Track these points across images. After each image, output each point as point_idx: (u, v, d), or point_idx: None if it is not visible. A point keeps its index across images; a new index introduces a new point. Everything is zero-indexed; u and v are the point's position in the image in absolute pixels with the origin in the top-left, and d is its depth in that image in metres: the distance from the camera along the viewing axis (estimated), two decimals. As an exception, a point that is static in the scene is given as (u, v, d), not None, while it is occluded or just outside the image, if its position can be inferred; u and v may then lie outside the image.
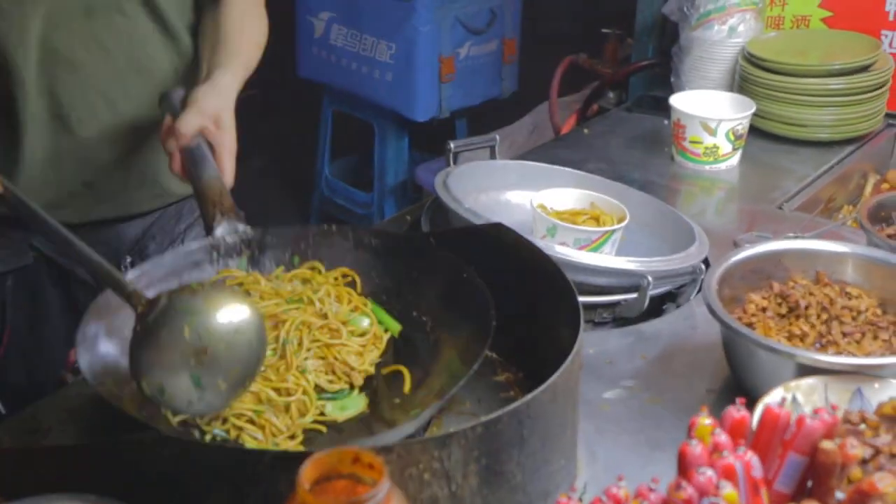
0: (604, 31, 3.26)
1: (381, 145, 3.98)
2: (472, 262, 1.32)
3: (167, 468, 0.96)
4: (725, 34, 2.45)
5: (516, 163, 1.93)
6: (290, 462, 0.87)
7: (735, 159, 2.19)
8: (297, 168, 4.40)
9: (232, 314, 1.15)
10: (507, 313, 1.24)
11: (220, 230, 1.36)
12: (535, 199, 1.73)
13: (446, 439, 0.97)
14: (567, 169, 1.90)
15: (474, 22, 3.85)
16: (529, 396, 1.02)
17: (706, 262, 1.65)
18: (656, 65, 2.75)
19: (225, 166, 1.44)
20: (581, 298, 1.53)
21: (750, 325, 1.39)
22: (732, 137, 2.13)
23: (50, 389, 1.35)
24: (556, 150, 2.20)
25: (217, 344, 1.13)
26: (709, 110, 2.18)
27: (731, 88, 2.44)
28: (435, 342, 1.30)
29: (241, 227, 1.38)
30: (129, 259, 1.72)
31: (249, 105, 1.85)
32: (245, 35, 1.65)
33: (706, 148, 2.14)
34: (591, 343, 1.49)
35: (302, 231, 1.42)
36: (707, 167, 2.16)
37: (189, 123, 1.43)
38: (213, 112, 1.46)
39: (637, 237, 1.76)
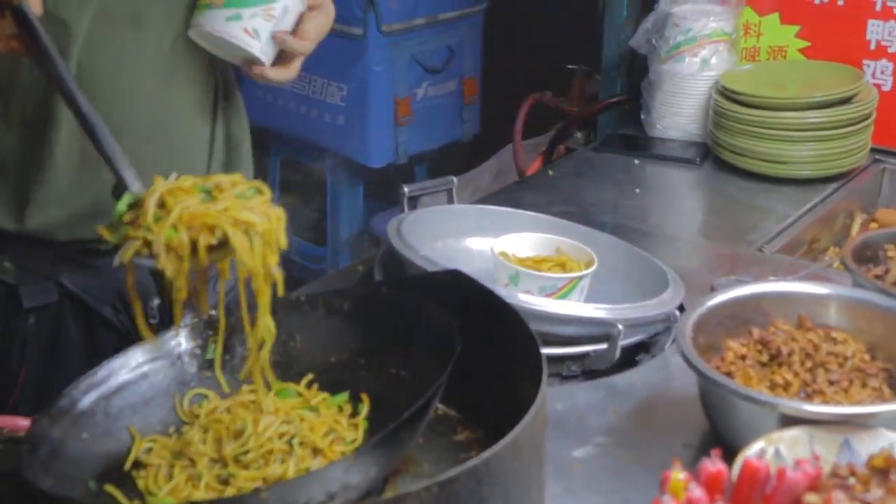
0: (569, 66, 3.30)
1: (334, 194, 3.99)
2: (428, 312, 1.32)
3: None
4: (697, 67, 2.50)
5: (475, 207, 1.94)
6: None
7: None
8: (243, 221, 4.39)
9: None
10: (466, 367, 1.24)
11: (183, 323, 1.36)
12: (496, 245, 1.74)
13: (399, 500, 0.97)
14: (530, 213, 1.92)
15: (431, 60, 3.89)
16: (488, 453, 1.02)
17: (681, 308, 1.66)
18: (626, 101, 2.79)
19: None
20: (547, 350, 1.53)
21: (729, 374, 1.40)
22: None
23: None
24: (519, 194, 2.22)
25: None
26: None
27: (705, 124, 2.48)
28: (414, 394, 1.30)
29: (201, 315, 1.38)
30: (157, 301, 1.71)
31: None
32: None
33: None
34: (560, 398, 1.50)
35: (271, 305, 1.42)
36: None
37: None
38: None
39: (607, 284, 1.77)
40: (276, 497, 1.04)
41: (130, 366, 1.35)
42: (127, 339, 1.72)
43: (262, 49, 1.58)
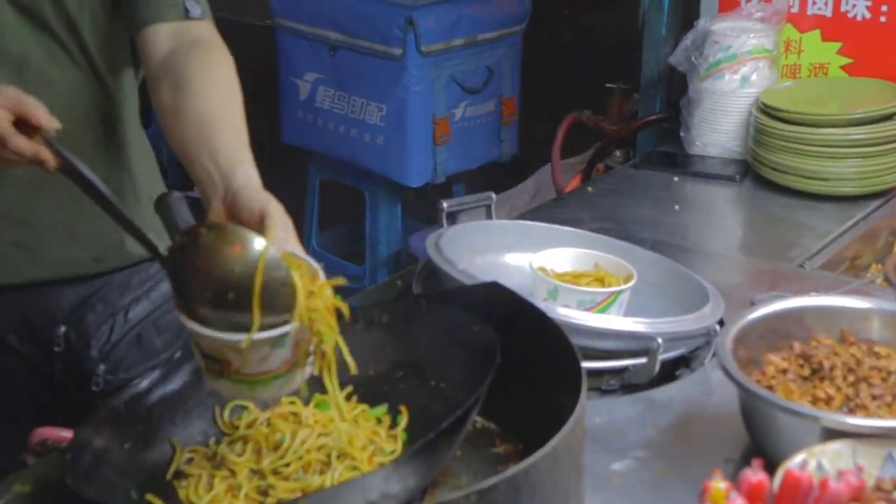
0: (608, 85, 3.30)
1: (373, 214, 4.01)
2: (467, 325, 1.33)
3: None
4: (737, 84, 2.49)
5: (514, 223, 1.94)
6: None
7: None
8: (283, 241, 4.42)
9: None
10: (505, 380, 1.25)
11: None
12: (534, 260, 1.74)
13: (437, 509, 0.97)
14: (569, 228, 1.92)
15: (470, 81, 3.90)
16: (527, 463, 1.02)
17: (721, 323, 1.65)
18: (664, 119, 2.79)
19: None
20: (586, 364, 1.53)
21: (769, 388, 1.39)
22: None
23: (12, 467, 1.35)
24: (557, 210, 2.22)
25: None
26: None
27: (745, 142, 2.47)
28: (453, 406, 1.30)
29: None
30: (63, 329, 1.73)
31: None
32: (232, 101, 1.53)
33: None
34: (598, 412, 1.49)
35: None
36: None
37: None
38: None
39: (646, 299, 1.77)
40: None
41: (172, 377, 1.36)
42: (34, 367, 1.74)
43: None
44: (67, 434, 1.36)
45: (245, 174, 1.36)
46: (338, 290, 1.27)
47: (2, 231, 1.66)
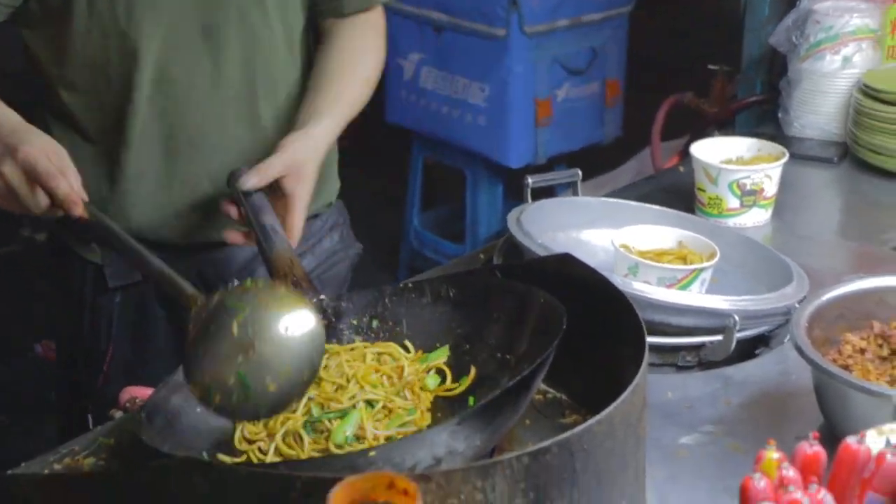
0: (710, 67, 3.26)
1: (474, 194, 4.04)
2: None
3: (196, 495, 1.00)
4: (839, 65, 2.44)
5: (598, 200, 1.95)
6: (322, 487, 0.90)
7: (748, 219, 2.04)
8: (386, 220, 4.48)
9: (285, 313, 1.22)
10: (575, 351, 1.26)
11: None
12: (616, 237, 1.74)
13: (490, 468, 0.99)
14: (653, 206, 1.91)
15: (574, 62, 3.89)
16: (581, 427, 1.04)
17: (804, 303, 1.64)
18: (764, 101, 2.75)
19: (294, 221, 1.55)
20: (662, 339, 1.55)
21: (846, 367, 1.38)
22: (738, 192, 2.02)
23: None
24: (646, 189, 2.21)
25: (266, 341, 1.19)
26: (725, 157, 2.11)
27: (844, 123, 2.43)
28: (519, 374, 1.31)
29: (313, 296, 1.42)
30: (236, 282, 1.80)
31: (340, 155, 1.94)
32: (357, 72, 1.79)
33: (710, 198, 2.04)
34: (672, 387, 1.50)
35: (378, 293, 1.46)
36: (712, 220, 2.02)
37: (271, 167, 1.54)
38: (299, 160, 1.57)
39: (730, 278, 1.76)
40: (383, 456, 1.08)
41: None
42: None
43: None
44: (153, 393, 1.43)
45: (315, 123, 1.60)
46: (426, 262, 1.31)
47: (182, 193, 1.74)
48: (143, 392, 1.43)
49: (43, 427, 2.84)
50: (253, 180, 1.56)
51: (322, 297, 1.44)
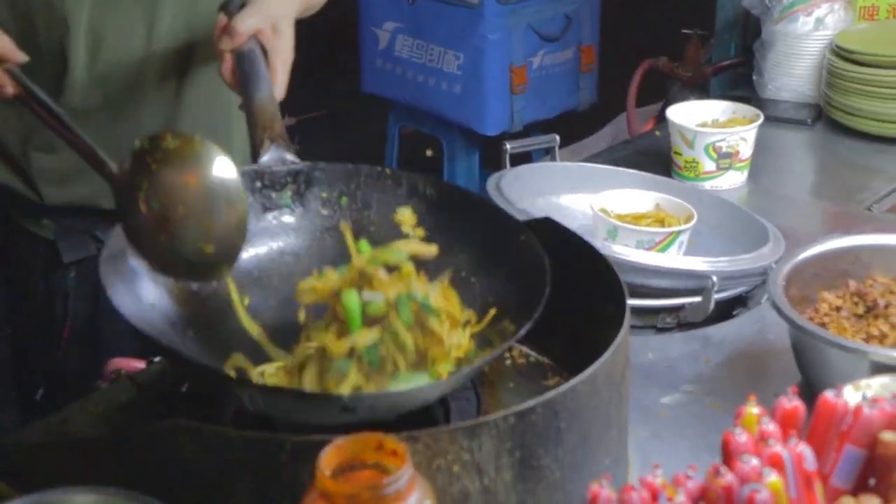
0: (685, 31, 3.28)
1: (450, 162, 4.05)
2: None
3: (187, 459, 1.01)
4: (811, 27, 2.46)
5: (576, 164, 1.96)
6: (311, 450, 0.91)
7: (725, 181, 2.08)
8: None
9: (184, 173, 1.21)
10: (557, 315, 1.27)
11: (267, 157, 1.38)
12: (595, 201, 1.76)
13: (476, 429, 1.01)
14: (630, 170, 1.94)
15: (548, 28, 3.89)
16: (565, 386, 1.05)
17: (781, 263, 1.66)
18: (738, 64, 2.77)
19: (278, 76, 1.49)
20: (641, 302, 1.57)
21: (822, 325, 1.40)
22: (714, 155, 2.05)
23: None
24: (622, 153, 2.23)
25: (173, 208, 1.20)
26: (701, 120, 2.14)
27: (818, 85, 2.45)
28: (482, 304, 1.30)
29: (290, 157, 1.39)
30: (137, 143, 1.78)
31: (317, 125, 1.92)
32: None
33: (686, 161, 2.07)
34: (652, 348, 1.52)
35: (354, 170, 1.41)
36: (689, 183, 2.06)
37: (246, 22, 1.48)
38: (274, 15, 1.51)
39: (707, 240, 1.78)
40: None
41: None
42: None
43: None
44: (140, 364, 1.43)
45: None
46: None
47: (120, 93, 1.70)
48: (128, 364, 1.44)
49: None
50: (227, 42, 1.48)
51: (296, 158, 1.40)
